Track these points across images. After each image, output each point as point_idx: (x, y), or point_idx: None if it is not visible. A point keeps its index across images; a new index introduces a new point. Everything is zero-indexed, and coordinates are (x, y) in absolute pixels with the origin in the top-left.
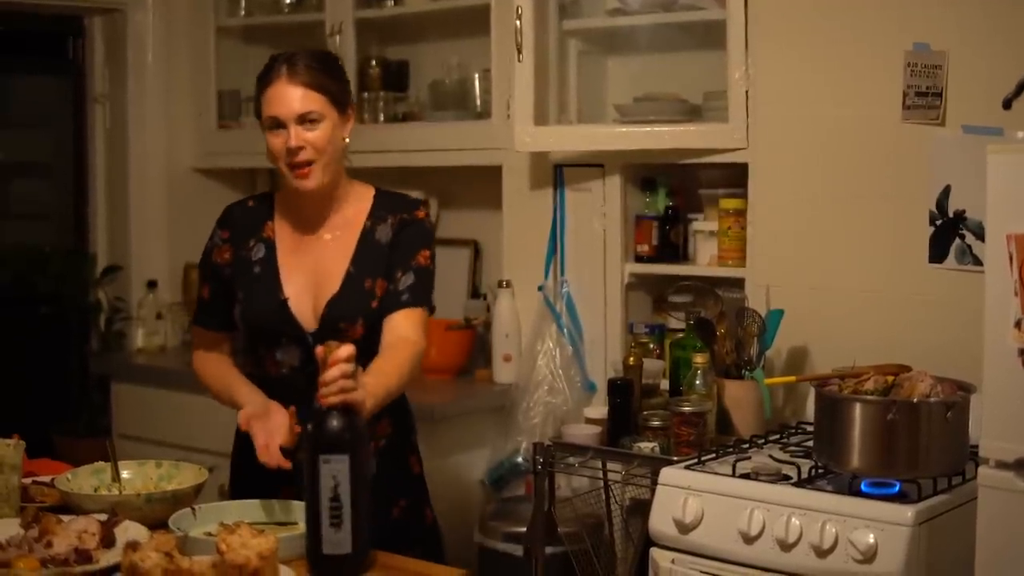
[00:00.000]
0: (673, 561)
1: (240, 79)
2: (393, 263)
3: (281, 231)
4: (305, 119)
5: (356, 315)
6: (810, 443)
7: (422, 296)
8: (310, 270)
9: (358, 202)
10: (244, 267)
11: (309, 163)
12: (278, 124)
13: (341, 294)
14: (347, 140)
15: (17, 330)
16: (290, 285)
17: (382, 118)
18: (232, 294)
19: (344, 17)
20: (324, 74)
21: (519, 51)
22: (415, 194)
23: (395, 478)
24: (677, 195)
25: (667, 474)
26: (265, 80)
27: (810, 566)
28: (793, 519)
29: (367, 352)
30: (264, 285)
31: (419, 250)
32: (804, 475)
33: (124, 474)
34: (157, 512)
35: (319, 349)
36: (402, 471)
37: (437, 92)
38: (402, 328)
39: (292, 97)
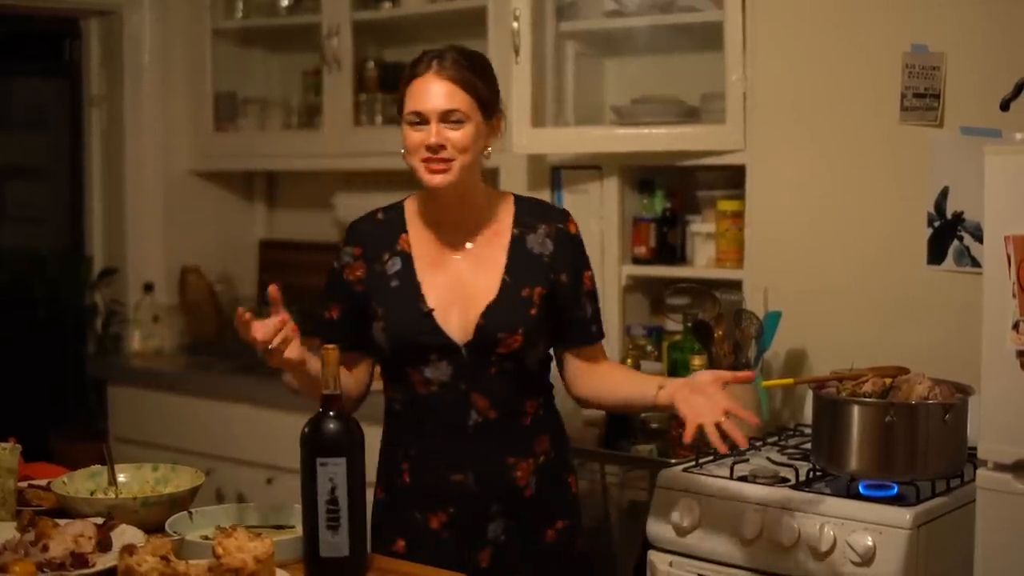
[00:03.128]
0: (671, 564)
1: (237, 81)
2: (569, 285)
3: (417, 244)
4: (449, 118)
5: (517, 324)
6: (808, 445)
7: (602, 323)
8: (454, 282)
9: (500, 210)
10: (380, 282)
11: (447, 161)
12: (420, 119)
13: (499, 301)
14: (489, 151)
15: (13, 333)
16: (432, 298)
17: (380, 120)
18: (366, 313)
19: (341, 19)
20: (474, 73)
21: (516, 53)
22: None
23: (555, 497)
24: (675, 197)
25: (665, 476)
26: (412, 73)
27: (808, 569)
28: (791, 522)
29: (520, 364)
30: (405, 299)
31: (586, 271)
32: (802, 477)
33: (120, 477)
34: (154, 516)
35: (325, 349)
36: (561, 490)
37: None
38: (604, 355)
39: (438, 93)
